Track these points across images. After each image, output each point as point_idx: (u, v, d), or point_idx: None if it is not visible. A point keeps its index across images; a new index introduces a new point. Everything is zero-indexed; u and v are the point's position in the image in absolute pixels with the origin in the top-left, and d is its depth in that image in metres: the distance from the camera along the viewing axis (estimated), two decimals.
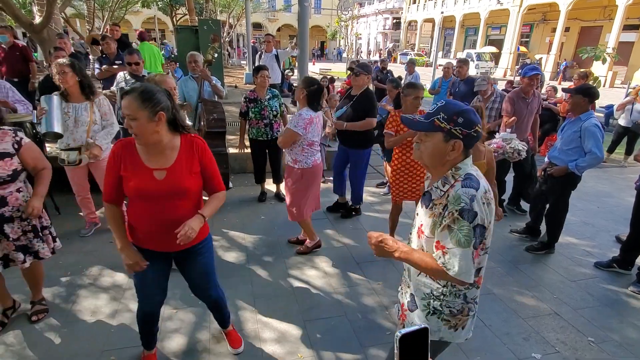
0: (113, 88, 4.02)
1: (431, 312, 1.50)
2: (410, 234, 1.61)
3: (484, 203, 1.32)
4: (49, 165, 2.40)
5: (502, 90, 6.42)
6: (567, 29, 24.17)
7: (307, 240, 3.54)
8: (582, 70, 6.59)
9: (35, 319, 2.56)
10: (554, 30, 24.26)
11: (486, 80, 4.54)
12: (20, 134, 2.29)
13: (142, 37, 7.62)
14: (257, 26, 39.72)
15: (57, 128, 2.99)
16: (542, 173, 3.55)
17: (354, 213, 4.34)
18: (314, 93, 3.05)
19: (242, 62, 21.80)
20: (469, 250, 1.30)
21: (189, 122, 2.04)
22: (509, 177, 4.53)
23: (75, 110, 3.17)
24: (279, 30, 45.64)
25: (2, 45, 5.50)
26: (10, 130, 2.24)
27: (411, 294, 1.58)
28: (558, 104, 6.40)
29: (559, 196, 3.55)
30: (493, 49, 28.89)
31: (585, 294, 3.13)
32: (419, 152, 1.44)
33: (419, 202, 1.54)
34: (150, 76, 3.06)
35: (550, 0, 23.62)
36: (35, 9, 6.03)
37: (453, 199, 1.32)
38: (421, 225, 1.47)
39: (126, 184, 1.75)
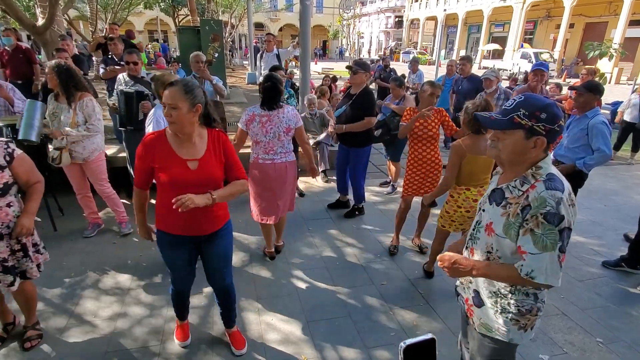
0: (114, 98, 4.00)
1: (499, 310, 1.46)
2: (474, 230, 1.54)
3: (570, 205, 1.27)
4: (42, 178, 2.25)
5: (506, 87, 6.39)
6: (571, 25, 23.98)
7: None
8: (589, 66, 6.53)
9: (28, 345, 2.36)
10: (558, 26, 24.08)
11: (495, 73, 4.58)
12: (12, 146, 2.13)
13: (129, 36, 7.55)
14: (259, 26, 39.67)
15: (28, 135, 3.12)
16: None
17: (357, 213, 4.32)
18: (265, 90, 2.95)
19: (244, 62, 21.80)
20: (555, 254, 1.26)
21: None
22: None
23: (61, 110, 3.20)
24: (280, 30, 45.63)
25: (6, 48, 5.53)
26: (1, 141, 2.08)
27: (475, 290, 1.54)
28: (563, 101, 6.33)
29: None
30: (496, 46, 28.76)
31: (593, 293, 3.09)
32: (496, 151, 1.38)
33: (484, 199, 1.50)
34: (157, 75, 3.05)
35: None
36: (38, 11, 6.04)
37: (537, 201, 1.26)
38: (491, 223, 1.41)
39: (158, 174, 1.87)
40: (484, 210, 1.49)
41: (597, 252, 3.71)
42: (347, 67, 3.87)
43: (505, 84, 7.85)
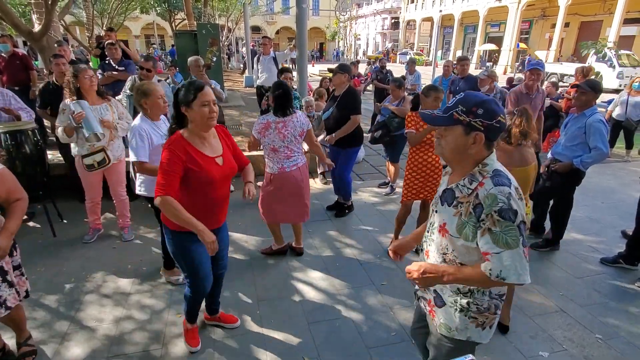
0: (120, 97, 4.03)
1: (458, 309, 1.46)
2: (428, 232, 1.55)
3: (519, 198, 1.28)
4: (25, 196, 2.06)
5: (503, 87, 6.42)
6: (566, 24, 24.10)
7: (274, 242, 3.52)
8: (583, 65, 6.56)
9: None
10: (554, 25, 24.19)
11: (488, 72, 4.61)
12: None
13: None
14: (256, 29, 39.77)
15: (99, 129, 3.13)
16: (546, 169, 3.53)
17: (347, 210, 4.36)
18: (277, 97, 3.02)
19: (241, 65, 21.83)
20: (520, 250, 1.25)
21: None
22: None
23: (97, 111, 3.25)
24: (277, 32, 45.72)
25: (3, 54, 5.53)
26: None
27: (435, 290, 1.54)
28: (559, 100, 6.37)
29: (563, 192, 3.53)
30: (492, 47, 28.88)
31: (591, 290, 3.10)
32: (440, 148, 1.40)
33: (436, 200, 1.50)
34: (137, 84, 3.04)
35: None
36: (34, 17, 6.05)
37: (488, 199, 1.26)
38: (444, 223, 1.41)
39: (195, 174, 1.93)
40: (436, 212, 1.49)
41: (595, 249, 3.73)
42: (329, 70, 3.96)
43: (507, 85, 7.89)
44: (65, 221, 4.04)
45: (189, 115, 1.93)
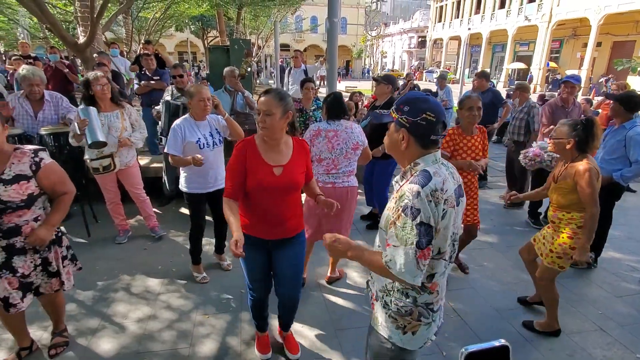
0: (159, 107, 4.20)
1: (383, 305, 1.46)
2: None
3: (430, 201, 1.23)
4: (73, 189, 2.15)
5: (535, 102, 6.29)
6: (598, 44, 23.52)
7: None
8: (620, 82, 6.37)
9: (53, 352, 2.33)
10: (585, 45, 23.66)
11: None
12: (42, 154, 2.03)
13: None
14: (285, 47, 40.76)
15: (101, 137, 3.15)
16: None
17: None
18: (329, 104, 2.88)
19: (269, 81, 22.35)
20: (411, 249, 1.22)
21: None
22: None
23: (107, 118, 3.36)
24: (305, 50, 46.59)
25: (51, 64, 5.90)
26: (29, 150, 2.00)
27: (374, 283, 1.54)
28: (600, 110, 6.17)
29: (602, 208, 3.37)
30: (521, 65, 28.45)
31: (632, 309, 2.93)
32: (384, 145, 1.45)
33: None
34: (187, 87, 3.20)
35: (580, 15, 23.16)
36: (79, 29, 6.44)
37: (399, 195, 1.28)
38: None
39: (249, 178, 1.93)
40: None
41: (635, 268, 3.54)
42: (373, 79, 3.93)
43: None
44: (99, 222, 4.19)
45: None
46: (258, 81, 22.49)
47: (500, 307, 2.94)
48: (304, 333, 2.62)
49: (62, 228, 2.31)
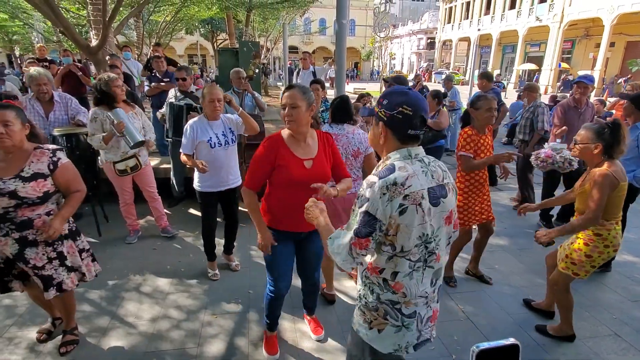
0: (163, 110, 4.25)
1: (358, 298, 1.49)
2: None
3: (385, 194, 1.21)
4: (84, 188, 2.25)
5: (546, 104, 6.22)
6: (612, 44, 23.14)
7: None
8: (635, 82, 6.25)
9: (64, 350, 2.37)
10: (598, 45, 23.29)
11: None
12: (60, 154, 2.14)
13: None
14: (293, 49, 40.92)
15: (140, 137, 3.27)
16: None
17: None
18: (334, 107, 2.81)
19: (278, 83, 22.44)
20: (348, 235, 1.28)
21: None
22: (559, 191, 4.29)
23: (128, 119, 3.40)
24: (313, 52, 46.73)
25: (63, 67, 6.00)
26: (49, 150, 2.10)
27: None
28: (607, 118, 6.07)
29: None
30: (532, 66, 28.13)
31: None
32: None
33: None
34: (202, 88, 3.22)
35: (593, 15, 22.82)
36: (92, 33, 6.55)
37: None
38: None
39: (280, 173, 1.97)
40: None
41: None
42: (383, 80, 3.90)
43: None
44: (109, 222, 4.23)
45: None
46: (267, 83, 22.60)
47: (512, 311, 2.89)
48: (310, 333, 2.61)
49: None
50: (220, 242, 3.47)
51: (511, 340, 0.64)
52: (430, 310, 1.42)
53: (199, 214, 4.57)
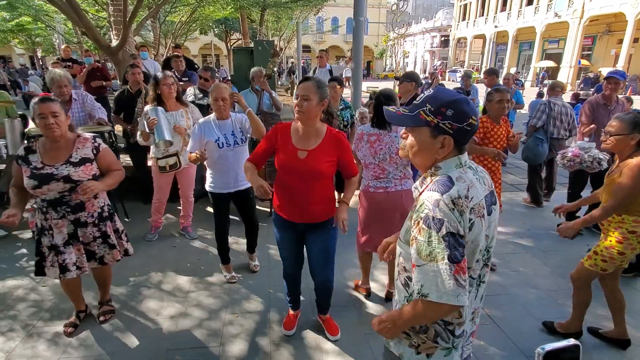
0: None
1: None
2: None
3: (453, 209, 1.08)
4: (123, 170, 2.48)
5: (568, 102, 6.06)
6: (635, 40, 22.47)
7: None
8: None
9: (103, 319, 2.65)
10: (621, 41, 22.65)
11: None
12: (99, 141, 2.39)
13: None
14: (306, 48, 40.99)
15: (168, 136, 3.28)
16: None
17: None
18: (376, 107, 2.65)
19: (289, 82, 22.47)
20: (445, 265, 1.06)
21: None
22: (585, 193, 4.16)
23: (173, 117, 3.46)
24: (325, 51, 46.69)
25: (85, 66, 6.11)
26: (90, 137, 2.34)
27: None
28: None
29: None
30: (550, 63, 27.54)
31: None
32: (405, 151, 1.24)
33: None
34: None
35: (615, 10, 22.20)
36: (112, 33, 6.64)
37: (418, 204, 1.14)
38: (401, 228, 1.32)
39: (277, 156, 2.14)
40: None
41: None
42: (395, 78, 3.87)
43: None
44: (129, 220, 4.28)
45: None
46: (279, 82, 22.68)
47: (539, 315, 2.80)
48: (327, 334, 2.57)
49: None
50: (238, 241, 3.48)
51: (572, 341, 0.66)
52: (475, 326, 1.34)
53: None
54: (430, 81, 8.82)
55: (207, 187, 3.03)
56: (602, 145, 2.36)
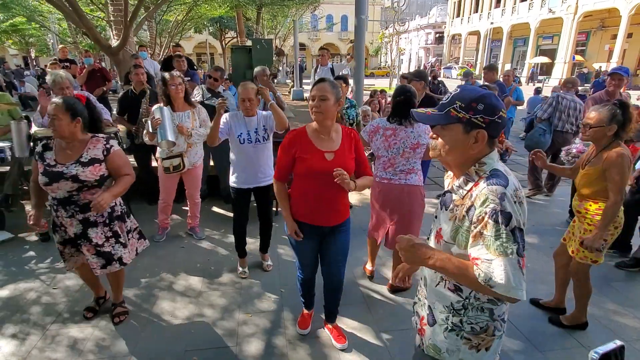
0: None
1: (449, 328, 1.30)
2: (427, 238, 1.44)
3: (515, 202, 1.12)
4: (133, 174, 2.44)
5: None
6: (629, 35, 22.66)
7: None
8: None
9: (117, 320, 2.67)
10: (615, 37, 22.84)
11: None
12: (112, 142, 2.37)
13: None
14: (301, 45, 40.80)
15: (171, 136, 3.27)
16: (635, 182, 3.26)
17: None
18: (396, 103, 2.73)
19: (287, 80, 22.44)
20: (514, 259, 1.08)
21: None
22: None
23: (179, 118, 3.44)
24: (321, 49, 46.61)
25: (86, 67, 6.05)
26: (102, 138, 2.34)
27: (429, 306, 1.39)
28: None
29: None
30: (545, 59, 27.70)
31: None
32: (437, 151, 1.25)
33: (439, 204, 1.37)
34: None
35: (609, 5, 22.37)
36: (112, 33, 6.59)
37: (479, 199, 1.14)
38: (440, 229, 1.30)
39: (301, 164, 2.08)
40: (436, 217, 1.38)
41: None
42: (402, 77, 3.87)
43: None
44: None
45: None
46: (276, 81, 22.61)
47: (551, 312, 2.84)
48: (346, 332, 2.59)
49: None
50: (250, 242, 3.48)
51: (618, 343, 0.68)
52: None
53: (223, 212, 4.61)
54: (430, 78, 8.82)
55: (231, 183, 3.09)
56: (581, 137, 2.44)
